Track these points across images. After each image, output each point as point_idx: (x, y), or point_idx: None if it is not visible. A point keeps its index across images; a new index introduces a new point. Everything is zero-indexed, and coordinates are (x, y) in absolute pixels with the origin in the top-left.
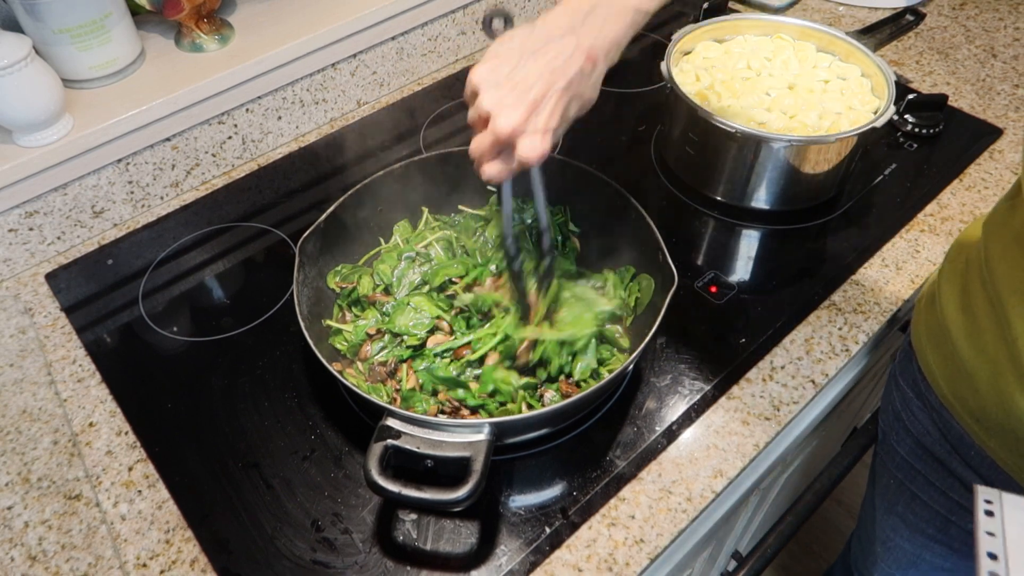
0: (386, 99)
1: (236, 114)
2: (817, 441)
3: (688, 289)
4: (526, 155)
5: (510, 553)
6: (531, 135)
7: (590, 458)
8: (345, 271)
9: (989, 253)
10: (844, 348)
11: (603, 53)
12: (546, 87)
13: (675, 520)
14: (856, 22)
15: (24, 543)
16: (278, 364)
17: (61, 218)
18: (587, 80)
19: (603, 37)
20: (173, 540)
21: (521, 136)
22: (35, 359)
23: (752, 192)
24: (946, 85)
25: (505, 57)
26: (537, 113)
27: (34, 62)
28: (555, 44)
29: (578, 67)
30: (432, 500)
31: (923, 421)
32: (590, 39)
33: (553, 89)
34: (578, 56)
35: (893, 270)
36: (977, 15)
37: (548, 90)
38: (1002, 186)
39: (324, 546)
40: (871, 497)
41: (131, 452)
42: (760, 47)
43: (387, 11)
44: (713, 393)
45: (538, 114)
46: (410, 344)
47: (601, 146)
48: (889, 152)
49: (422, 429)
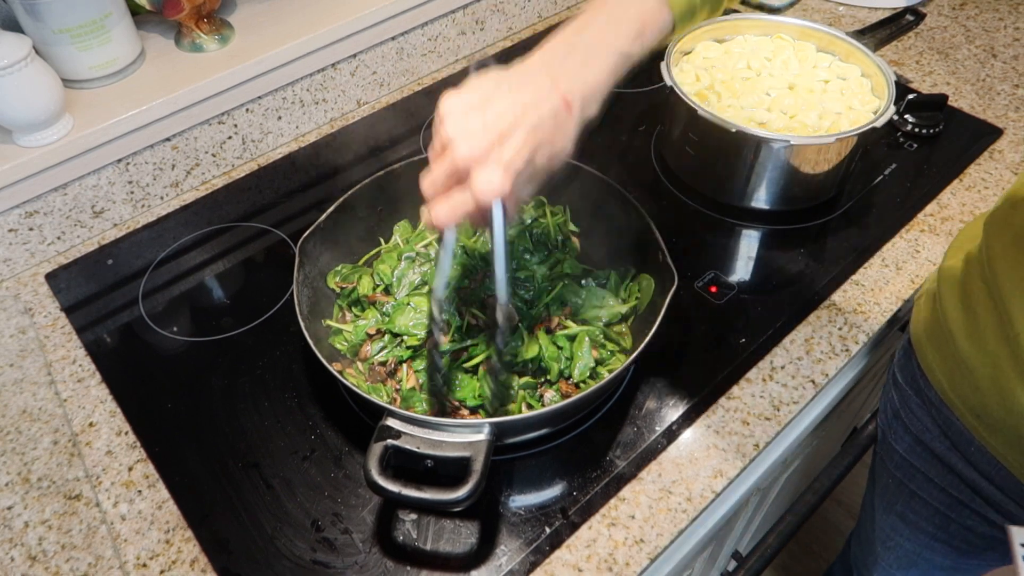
0: (386, 99)
1: (236, 114)
2: (817, 441)
3: (688, 289)
4: (481, 188)
5: (510, 553)
6: (491, 167)
7: (590, 458)
8: (345, 271)
9: (991, 251)
10: (844, 348)
11: (579, 98)
12: (515, 120)
13: (675, 520)
14: (856, 22)
15: (24, 543)
16: (278, 364)
17: (61, 218)
18: (560, 126)
19: (581, 80)
20: (173, 540)
21: (480, 167)
22: (35, 359)
23: (752, 192)
24: (946, 85)
25: (478, 88)
26: (502, 145)
27: (34, 62)
28: (531, 82)
29: (551, 107)
30: (432, 500)
31: (922, 418)
32: (567, 81)
33: (523, 125)
34: (553, 96)
35: (893, 270)
36: (977, 15)
37: (516, 124)
38: (1002, 186)
39: (324, 546)
40: (871, 496)
41: (131, 452)
42: (760, 47)
43: (387, 11)
44: (713, 393)
45: (503, 147)
46: (410, 344)
47: (600, 146)
48: (889, 152)
49: (422, 429)
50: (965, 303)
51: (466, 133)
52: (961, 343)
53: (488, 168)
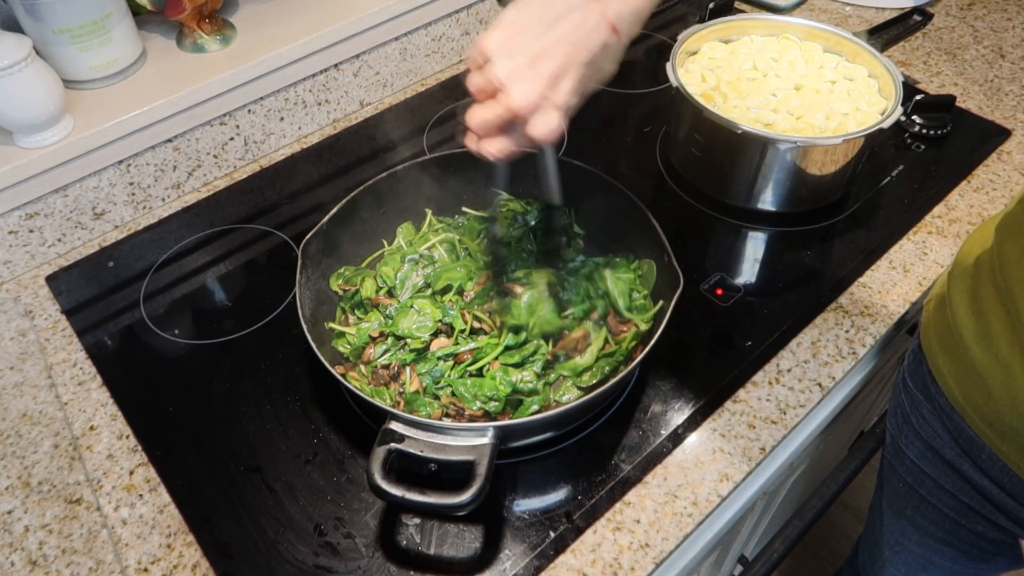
0: (389, 100)
1: (238, 115)
2: (824, 445)
3: (694, 291)
4: (540, 133)
5: (514, 558)
6: (546, 111)
7: (595, 462)
8: (348, 273)
9: (1004, 257)
10: (851, 351)
11: (628, 22)
12: (566, 60)
13: (681, 524)
14: (863, 22)
15: (24, 547)
16: (280, 367)
17: (62, 220)
18: (609, 53)
19: (628, 4)
20: (175, 544)
21: (536, 112)
22: (35, 362)
23: (758, 194)
24: (954, 86)
25: (522, 25)
26: (555, 88)
27: (34, 63)
28: (577, 13)
29: (602, 39)
30: (436, 504)
31: (933, 424)
32: (616, 7)
33: (574, 63)
34: (603, 27)
35: (900, 272)
36: (985, 15)
37: (568, 63)
38: (1010, 188)
39: (327, 550)
40: (879, 501)
41: (132, 456)
42: (766, 47)
43: (390, 11)
44: (719, 396)
45: (556, 89)
46: (413, 347)
47: (606, 147)
48: (896, 153)
49: (425, 433)
50: (976, 308)
51: (518, 78)
52: (972, 349)
53: (544, 113)
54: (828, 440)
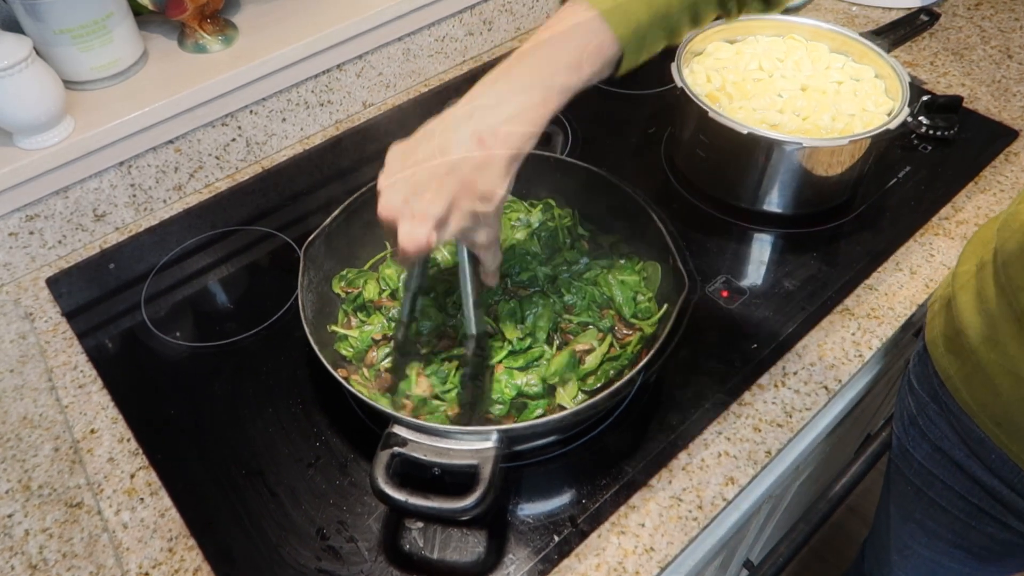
0: (392, 101)
1: (240, 116)
2: (830, 448)
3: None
4: (403, 243)
5: (518, 562)
6: (409, 221)
7: (599, 465)
8: (350, 276)
9: (1006, 257)
10: (857, 354)
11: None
12: (430, 172)
13: (686, 528)
14: (870, 22)
15: (25, 552)
16: (282, 370)
17: (62, 222)
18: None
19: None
20: (176, 549)
21: (401, 220)
22: (36, 365)
23: (764, 195)
24: (961, 87)
25: (418, 136)
26: (417, 197)
27: (35, 63)
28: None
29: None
30: (439, 509)
31: (940, 425)
32: (487, 123)
33: (436, 174)
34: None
35: (907, 274)
36: (992, 15)
37: (432, 175)
38: (1018, 189)
39: (329, 555)
40: (886, 504)
41: (133, 459)
42: (772, 48)
43: (393, 11)
44: (724, 399)
45: (418, 199)
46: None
47: (611, 148)
48: (903, 154)
49: (429, 437)
50: (982, 309)
51: (388, 186)
52: (979, 349)
53: (406, 222)
54: (834, 443)
